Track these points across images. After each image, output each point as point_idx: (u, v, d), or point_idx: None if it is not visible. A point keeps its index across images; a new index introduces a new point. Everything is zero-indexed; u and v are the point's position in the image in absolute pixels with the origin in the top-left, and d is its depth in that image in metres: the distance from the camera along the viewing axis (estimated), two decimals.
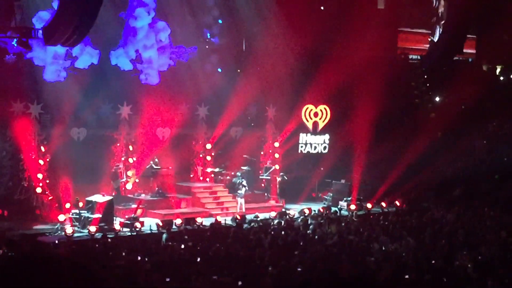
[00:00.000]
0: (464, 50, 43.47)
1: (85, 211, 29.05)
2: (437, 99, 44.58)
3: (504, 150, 41.01)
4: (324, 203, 36.14)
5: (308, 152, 39.17)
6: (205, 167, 36.38)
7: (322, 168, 38.29)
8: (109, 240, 26.07)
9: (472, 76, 40.43)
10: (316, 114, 38.91)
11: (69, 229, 27.45)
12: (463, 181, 38.10)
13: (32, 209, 30.44)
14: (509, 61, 45.33)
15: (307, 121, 38.83)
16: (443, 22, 43.63)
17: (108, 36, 34.05)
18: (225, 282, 17.27)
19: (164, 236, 25.73)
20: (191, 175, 36.44)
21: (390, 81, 37.50)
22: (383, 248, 23.89)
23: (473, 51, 46.25)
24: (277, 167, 37.31)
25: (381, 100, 36.50)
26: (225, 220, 31.06)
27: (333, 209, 34.18)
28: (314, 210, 33.35)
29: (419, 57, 44.39)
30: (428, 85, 44.00)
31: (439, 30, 43.96)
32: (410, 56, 44.43)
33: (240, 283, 17.43)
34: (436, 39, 43.98)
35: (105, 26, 32.56)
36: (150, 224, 29.51)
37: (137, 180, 33.62)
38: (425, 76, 43.90)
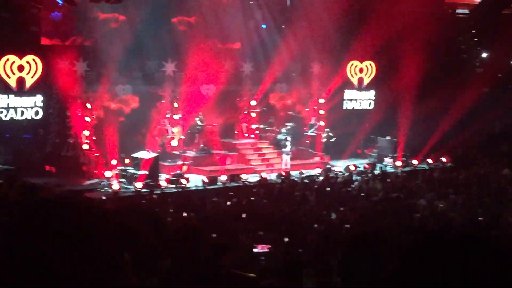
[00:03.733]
0: None
1: (131, 168, 29.29)
2: (485, 54, 43.88)
3: None
4: (370, 160, 35.98)
5: (353, 108, 38.97)
6: (250, 123, 36.36)
7: (367, 125, 38.01)
8: (155, 196, 26.30)
9: None
10: (361, 70, 38.62)
11: (115, 185, 27.76)
12: (510, 137, 37.62)
13: (79, 166, 30.74)
14: None
15: (352, 77, 38.56)
16: None
17: None
18: (271, 238, 17.31)
19: None
20: (236, 132, 36.45)
21: (436, 36, 36.93)
22: (429, 205, 23.75)
23: None
24: (322, 123, 37.18)
25: (427, 55, 36.00)
26: (269, 176, 31.12)
27: (378, 166, 34.08)
28: (359, 167, 33.24)
29: (467, 12, 43.59)
30: (475, 40, 43.28)
31: None
32: (458, 11, 43.62)
33: (286, 239, 17.46)
34: None
35: None
36: (195, 180, 29.68)
37: (182, 137, 33.71)
38: (473, 31, 43.17)
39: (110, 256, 3.16)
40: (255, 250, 13.87)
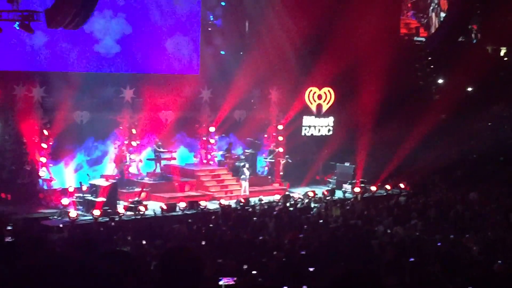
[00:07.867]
0: (469, 32, 43.25)
1: (89, 195, 28.96)
2: (441, 81, 44.36)
3: (508, 132, 40.89)
4: (328, 186, 36.05)
5: (312, 134, 39.01)
6: (209, 150, 36.24)
7: (326, 151, 38.10)
8: (113, 223, 26.03)
9: (476, 58, 40.12)
10: (320, 97, 38.72)
11: (72, 213, 27.36)
12: (467, 163, 37.97)
13: (36, 193, 30.33)
14: None
15: (311, 103, 38.64)
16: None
17: None
18: (230, 265, 17.17)
19: None
20: (195, 159, 36.32)
21: (394, 63, 37.24)
22: (388, 231, 23.79)
23: (478, 32, 45.94)
24: (281, 150, 37.19)
25: (385, 82, 36.25)
26: (229, 203, 30.99)
27: (337, 192, 34.12)
28: (318, 193, 33.25)
29: (424, 39, 44.11)
30: (432, 66, 43.76)
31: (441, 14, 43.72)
32: (415, 38, 44.11)
33: (245, 266, 17.34)
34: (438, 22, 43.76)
35: None
36: (153, 207, 29.46)
37: (140, 164, 33.50)
38: (429, 58, 43.66)
39: None
40: (220, 282, 13.66)
